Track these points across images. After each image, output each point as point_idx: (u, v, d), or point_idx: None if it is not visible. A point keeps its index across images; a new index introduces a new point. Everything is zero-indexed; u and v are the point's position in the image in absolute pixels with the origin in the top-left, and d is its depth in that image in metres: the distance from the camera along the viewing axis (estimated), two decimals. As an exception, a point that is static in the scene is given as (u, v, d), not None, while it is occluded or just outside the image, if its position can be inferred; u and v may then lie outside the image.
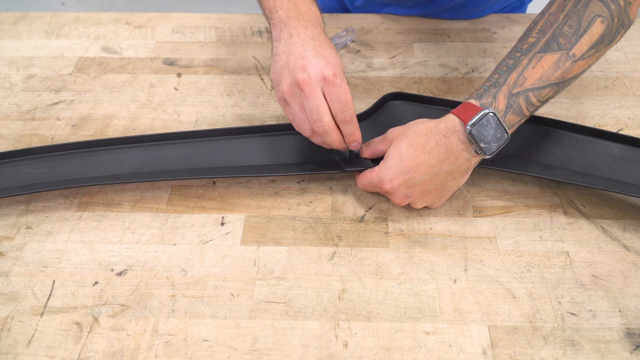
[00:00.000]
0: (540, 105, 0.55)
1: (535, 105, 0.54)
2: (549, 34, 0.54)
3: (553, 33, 0.53)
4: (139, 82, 0.76)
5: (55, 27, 0.87)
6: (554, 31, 0.53)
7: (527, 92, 0.53)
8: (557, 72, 0.53)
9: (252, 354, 0.48)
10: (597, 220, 0.58)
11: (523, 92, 0.53)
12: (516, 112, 0.54)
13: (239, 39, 0.84)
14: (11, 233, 0.58)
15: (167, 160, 0.62)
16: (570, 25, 0.53)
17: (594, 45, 0.53)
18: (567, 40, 0.53)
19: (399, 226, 0.58)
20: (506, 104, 0.53)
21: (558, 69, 0.53)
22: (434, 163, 0.54)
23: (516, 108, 0.53)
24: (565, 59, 0.53)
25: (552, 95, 0.55)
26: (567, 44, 0.53)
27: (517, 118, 0.54)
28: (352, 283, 0.53)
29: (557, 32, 0.53)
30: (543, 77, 0.53)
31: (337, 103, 0.53)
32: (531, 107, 0.54)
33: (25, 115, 0.72)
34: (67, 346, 0.49)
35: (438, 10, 0.85)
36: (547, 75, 0.53)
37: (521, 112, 0.54)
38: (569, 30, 0.53)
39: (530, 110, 0.54)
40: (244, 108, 0.72)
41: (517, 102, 0.53)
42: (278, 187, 0.62)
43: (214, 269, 0.55)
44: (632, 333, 0.49)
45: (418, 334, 0.49)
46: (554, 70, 0.53)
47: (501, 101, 0.53)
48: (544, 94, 0.54)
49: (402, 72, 0.77)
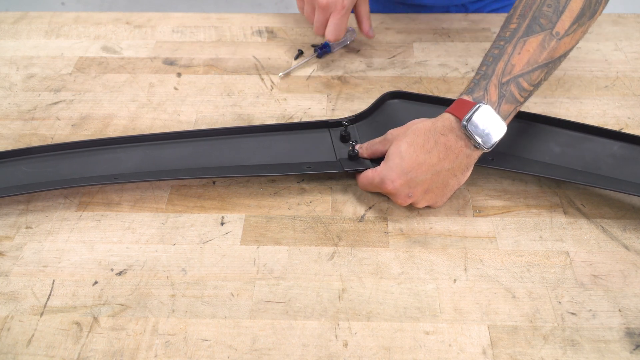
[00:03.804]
0: (534, 90, 0.55)
1: (528, 90, 0.54)
2: (529, 17, 0.54)
3: (533, 15, 0.54)
4: (138, 81, 0.76)
5: (55, 27, 0.87)
6: (534, 13, 0.54)
7: (517, 79, 0.53)
8: (544, 53, 0.53)
9: (252, 354, 0.48)
10: (597, 220, 0.58)
11: (513, 79, 0.53)
12: (510, 101, 0.54)
13: (239, 39, 0.84)
14: (11, 233, 0.58)
15: (167, 159, 0.62)
16: (549, 5, 0.53)
17: (575, 20, 0.53)
18: (548, 19, 0.53)
19: (398, 226, 0.58)
20: (498, 94, 0.53)
21: (544, 50, 0.53)
22: (434, 162, 0.54)
23: (509, 96, 0.54)
24: (549, 39, 0.53)
25: (544, 77, 0.55)
26: (549, 24, 0.53)
27: (512, 106, 0.54)
28: (352, 283, 0.53)
29: (537, 14, 0.54)
30: (530, 60, 0.53)
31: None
32: (524, 92, 0.54)
33: (25, 115, 0.72)
34: (67, 346, 0.49)
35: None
36: (534, 58, 0.53)
37: (515, 100, 0.54)
38: (549, 10, 0.53)
39: (524, 96, 0.55)
40: (244, 108, 0.72)
41: (509, 91, 0.53)
42: (278, 186, 0.62)
43: (213, 268, 0.55)
44: (632, 333, 0.49)
45: (418, 334, 0.49)
46: (540, 52, 0.53)
47: (493, 92, 0.53)
48: (534, 77, 0.54)
49: (402, 72, 0.77)
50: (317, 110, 0.71)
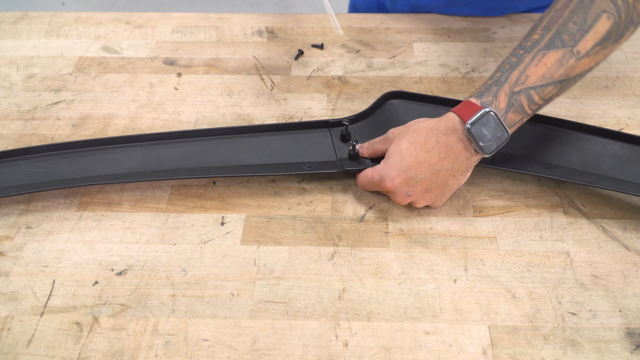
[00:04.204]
0: (544, 104, 0.54)
1: (538, 104, 0.54)
2: (553, 30, 0.53)
3: (557, 30, 0.52)
4: (139, 81, 0.76)
5: (55, 27, 0.87)
6: (559, 28, 0.52)
7: (529, 90, 0.53)
8: (561, 70, 0.52)
9: (252, 354, 0.48)
10: (598, 220, 0.58)
11: (525, 90, 0.53)
12: (517, 111, 0.53)
13: (239, 39, 0.84)
14: (11, 233, 0.58)
15: (167, 159, 0.62)
16: (575, 22, 0.52)
17: (599, 42, 0.52)
18: (572, 37, 0.52)
19: (399, 226, 0.58)
20: (507, 102, 0.53)
21: (561, 67, 0.52)
22: (434, 161, 0.54)
23: (517, 106, 0.53)
24: (569, 56, 0.52)
25: (556, 94, 0.54)
26: (572, 41, 0.52)
27: (519, 117, 0.54)
28: (352, 283, 0.53)
29: (562, 29, 0.52)
30: (546, 74, 0.52)
31: None
32: (533, 105, 0.53)
33: (25, 115, 0.72)
34: (67, 346, 0.49)
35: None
36: (550, 73, 0.52)
37: (523, 111, 0.53)
38: (574, 27, 0.52)
39: (533, 109, 0.54)
40: (244, 108, 0.72)
41: (518, 101, 0.53)
42: (278, 186, 0.62)
43: (214, 268, 0.55)
44: (632, 333, 0.49)
45: (418, 334, 0.49)
46: (557, 68, 0.52)
47: (502, 99, 0.53)
48: (546, 92, 0.53)
49: (402, 72, 0.77)
50: (317, 110, 0.71)
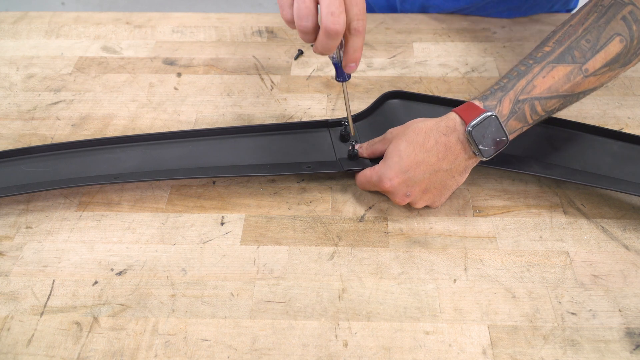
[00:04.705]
0: (545, 116, 0.55)
1: (540, 115, 0.54)
2: (565, 45, 0.53)
3: (569, 45, 0.53)
4: (138, 81, 0.76)
5: (55, 27, 0.87)
6: (571, 43, 0.53)
7: (534, 101, 0.53)
8: (567, 85, 0.53)
9: (252, 354, 0.48)
10: (597, 220, 0.58)
11: (529, 99, 0.53)
12: (519, 119, 0.53)
13: (239, 38, 0.84)
14: (11, 233, 0.58)
15: (167, 159, 0.62)
16: (588, 40, 0.53)
17: (608, 64, 0.53)
18: (582, 54, 0.53)
19: (398, 226, 0.58)
20: (510, 109, 0.53)
21: (568, 82, 0.53)
22: (433, 161, 0.54)
23: (520, 115, 0.53)
24: (577, 73, 0.53)
25: (558, 107, 0.55)
26: (582, 58, 0.53)
27: (520, 125, 0.54)
28: (352, 283, 0.53)
29: (574, 45, 0.53)
30: (552, 87, 0.53)
31: (356, 8, 0.46)
32: (535, 115, 0.54)
33: (25, 115, 0.72)
34: (67, 346, 0.49)
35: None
36: (556, 86, 0.53)
37: (524, 120, 0.54)
38: (586, 45, 0.53)
39: (534, 119, 0.54)
40: (244, 108, 0.72)
41: (521, 109, 0.53)
42: (278, 186, 0.62)
43: (213, 268, 0.55)
44: (632, 333, 0.49)
45: (418, 334, 0.49)
46: (564, 82, 0.53)
47: (506, 106, 0.53)
48: (550, 104, 0.54)
49: (402, 72, 0.77)
50: (317, 110, 0.71)
